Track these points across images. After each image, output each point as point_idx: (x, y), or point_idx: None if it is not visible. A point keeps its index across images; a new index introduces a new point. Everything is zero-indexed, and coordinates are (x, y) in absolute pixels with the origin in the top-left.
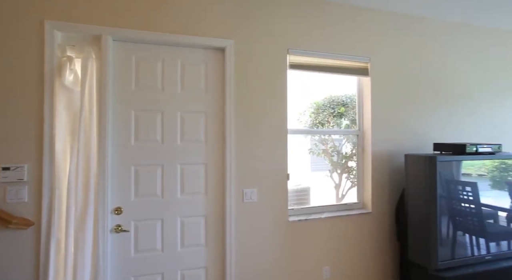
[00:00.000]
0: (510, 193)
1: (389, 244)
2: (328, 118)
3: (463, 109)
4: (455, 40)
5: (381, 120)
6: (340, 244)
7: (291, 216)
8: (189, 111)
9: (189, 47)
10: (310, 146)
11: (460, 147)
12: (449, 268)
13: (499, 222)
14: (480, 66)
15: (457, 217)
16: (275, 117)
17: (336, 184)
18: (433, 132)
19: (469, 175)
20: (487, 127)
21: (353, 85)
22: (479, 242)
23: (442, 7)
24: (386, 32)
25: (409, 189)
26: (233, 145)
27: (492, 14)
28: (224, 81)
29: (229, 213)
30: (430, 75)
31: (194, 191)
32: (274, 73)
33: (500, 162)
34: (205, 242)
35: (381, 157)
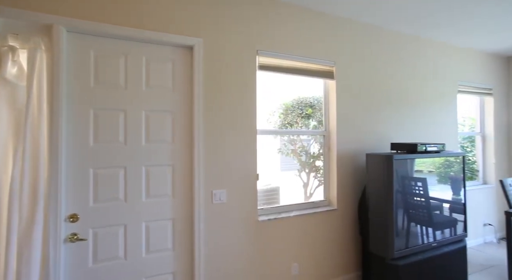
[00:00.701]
0: (452, 187)
1: (353, 238)
2: (296, 119)
3: (413, 112)
4: (407, 50)
5: (345, 121)
6: (308, 241)
7: (260, 215)
8: (155, 110)
9: (155, 43)
10: (280, 146)
11: (412, 146)
12: (403, 256)
13: (443, 213)
14: (425, 73)
15: (410, 210)
16: (244, 117)
17: (305, 183)
18: (390, 132)
19: (420, 172)
20: (433, 128)
21: (319, 87)
22: (428, 231)
23: (396, 20)
24: (350, 39)
25: (370, 186)
26: (202, 145)
27: (439, 28)
28: (192, 80)
29: (198, 215)
30: (387, 80)
31: (160, 194)
32: (243, 74)
33: (444, 160)
34: (173, 246)
35: (345, 156)
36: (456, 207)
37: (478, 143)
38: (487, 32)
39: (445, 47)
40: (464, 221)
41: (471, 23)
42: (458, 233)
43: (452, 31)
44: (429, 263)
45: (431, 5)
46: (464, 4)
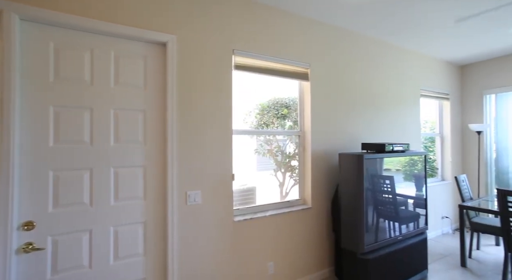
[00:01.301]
0: (415, 184)
1: (327, 235)
2: (272, 119)
3: (382, 113)
4: (377, 55)
5: (320, 122)
6: (284, 239)
7: (236, 216)
8: (125, 109)
9: (125, 38)
10: (256, 147)
11: (381, 146)
12: (373, 250)
13: (408, 208)
14: (393, 78)
15: (379, 206)
16: (220, 117)
17: (280, 182)
18: (361, 133)
19: (388, 170)
20: (399, 129)
21: (295, 88)
22: (394, 225)
23: (367, 26)
24: (325, 42)
25: (342, 184)
26: (176, 145)
27: (405, 37)
28: (165, 78)
29: (171, 217)
30: (358, 83)
31: (130, 196)
32: (219, 73)
33: (409, 159)
34: (144, 251)
35: (319, 156)
36: (418, 202)
37: (437, 143)
38: (445, 44)
39: (411, 54)
40: (425, 215)
41: (431, 34)
42: (420, 226)
43: (417, 40)
44: (395, 255)
45: (398, 15)
46: (425, 17)
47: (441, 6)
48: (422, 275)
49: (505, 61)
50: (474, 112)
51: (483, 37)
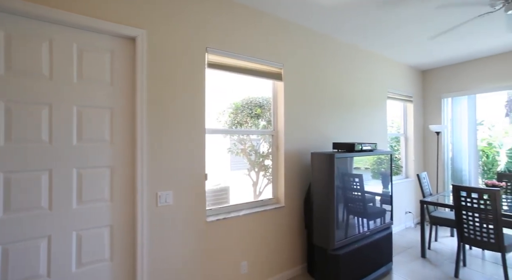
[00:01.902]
0: (382, 181)
1: (299, 233)
2: (246, 119)
3: (352, 114)
4: (347, 58)
5: (293, 121)
6: (257, 238)
7: (209, 216)
8: (90, 106)
9: (89, 30)
10: (229, 146)
11: (350, 145)
12: (343, 246)
13: (375, 204)
14: (362, 80)
15: (349, 204)
16: (192, 116)
17: (254, 182)
18: (333, 132)
19: (358, 169)
20: (367, 129)
21: (268, 88)
22: (363, 221)
23: (339, 30)
24: (298, 43)
25: (314, 183)
26: (146, 145)
27: (373, 41)
28: (135, 74)
29: (141, 219)
30: (330, 84)
31: (96, 199)
32: (191, 71)
33: (377, 157)
34: (111, 256)
35: (292, 155)
36: (385, 199)
37: (402, 143)
38: (409, 51)
39: (379, 58)
40: (391, 211)
41: (397, 39)
42: (386, 222)
43: (384, 46)
44: (363, 249)
45: (369, 23)
46: (390, 23)
47: (409, 21)
48: (387, 267)
49: (460, 68)
50: (434, 114)
51: (442, 47)
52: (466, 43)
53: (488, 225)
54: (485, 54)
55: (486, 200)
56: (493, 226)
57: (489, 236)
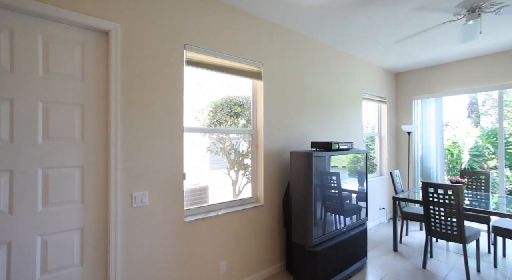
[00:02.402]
0: (358, 179)
1: (278, 231)
2: (225, 118)
3: (329, 114)
4: (325, 59)
5: (272, 120)
6: (237, 237)
7: (187, 216)
8: (58, 102)
9: (57, 21)
10: (209, 145)
11: (328, 144)
12: (321, 243)
13: (352, 201)
14: (339, 81)
15: (327, 201)
16: (170, 114)
17: (233, 181)
18: (311, 131)
19: (335, 167)
20: (344, 128)
21: (248, 87)
22: (340, 218)
23: (317, 31)
24: (278, 43)
25: (293, 181)
26: (120, 143)
27: (350, 44)
28: (108, 70)
29: (114, 221)
30: (308, 84)
31: (64, 201)
32: (169, 68)
33: (353, 156)
34: (81, 261)
35: (272, 154)
36: (360, 196)
37: (376, 142)
38: (383, 54)
39: (355, 60)
40: (366, 208)
41: (371, 42)
42: (361, 218)
43: (358, 47)
44: (340, 245)
45: (342, 22)
46: (363, 26)
47: (382, 25)
48: (362, 262)
49: (429, 72)
50: (405, 114)
51: (413, 51)
52: (433, 49)
53: (452, 218)
54: (450, 59)
55: (450, 196)
56: (456, 219)
57: (453, 228)
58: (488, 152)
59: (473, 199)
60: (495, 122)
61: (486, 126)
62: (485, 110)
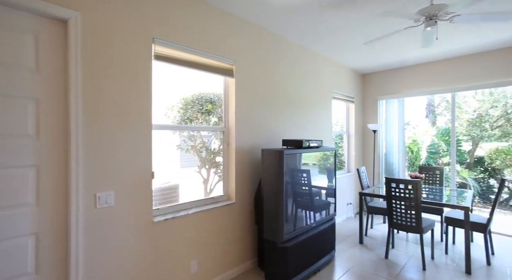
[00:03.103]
0: (327, 176)
1: (250, 228)
2: (197, 115)
3: (300, 112)
4: (297, 58)
5: (244, 118)
6: (208, 236)
7: (156, 216)
8: (5, 95)
9: (3, 5)
10: (179, 143)
11: (299, 142)
12: (291, 238)
13: (321, 198)
14: (310, 80)
15: (298, 198)
16: (138, 111)
17: (205, 179)
18: (282, 129)
19: (306, 164)
20: (314, 127)
21: (220, 84)
22: (310, 214)
23: (290, 30)
24: (250, 40)
25: (264, 179)
26: (82, 140)
27: (321, 44)
28: (68, 61)
29: (75, 224)
30: (280, 83)
31: (15, 204)
32: (136, 62)
33: (323, 154)
34: (36, 269)
35: (243, 151)
36: (329, 192)
37: (345, 140)
38: (351, 55)
39: (325, 60)
40: (334, 203)
41: (340, 42)
42: (330, 213)
43: (328, 47)
44: (310, 240)
45: (312, 22)
46: (332, 26)
47: (351, 27)
48: (331, 255)
49: (392, 74)
50: (371, 114)
51: (378, 54)
52: (397, 52)
53: (411, 211)
54: (412, 63)
55: (410, 190)
56: (415, 212)
57: (412, 220)
58: (442, 150)
59: (429, 192)
60: (448, 122)
61: (441, 126)
62: (440, 111)
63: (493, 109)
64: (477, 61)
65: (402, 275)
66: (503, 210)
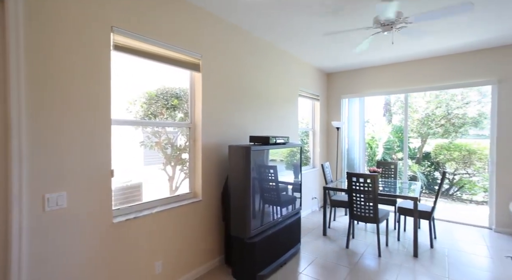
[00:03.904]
0: (294, 171)
1: (217, 225)
2: (161, 110)
3: (267, 109)
4: (265, 56)
5: (211, 114)
6: (173, 235)
7: (117, 217)
8: None
9: None
10: (143, 139)
11: (266, 139)
12: (258, 233)
13: (288, 193)
14: (277, 77)
15: (265, 193)
16: (95, 104)
17: (170, 176)
18: (249, 126)
19: (273, 160)
20: (281, 123)
21: (186, 78)
22: (277, 209)
23: (258, 27)
24: (218, 35)
25: (231, 175)
26: (25, 135)
27: (287, 42)
28: (6, 47)
29: (18, 230)
30: (247, 80)
31: None
32: (93, 51)
33: (289, 150)
34: None
35: (210, 148)
36: (295, 187)
37: (310, 137)
38: (317, 55)
39: (292, 58)
40: (300, 198)
41: (307, 44)
42: (296, 208)
43: (295, 46)
44: (276, 235)
45: (279, 20)
46: (302, 30)
47: (313, 23)
48: (296, 248)
49: (355, 74)
50: (335, 112)
51: (340, 54)
52: (359, 55)
53: (369, 203)
54: (371, 64)
55: (369, 184)
56: (372, 204)
57: (369, 211)
58: (397, 146)
59: (385, 185)
60: (401, 120)
61: (396, 124)
62: (395, 110)
63: (438, 110)
64: (426, 66)
65: (361, 263)
66: (444, 199)
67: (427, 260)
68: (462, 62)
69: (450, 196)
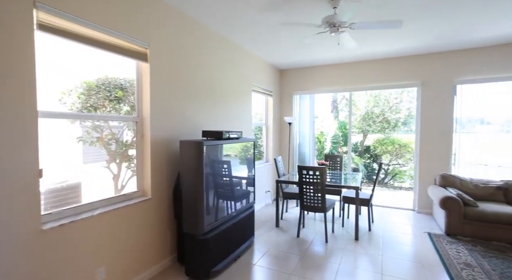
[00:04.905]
0: (247, 166)
1: (168, 223)
2: (103, 102)
3: (220, 104)
4: (219, 49)
5: (160, 108)
6: (119, 237)
7: (48, 223)
8: None
9: None
10: (81, 134)
11: (219, 133)
12: (212, 229)
13: (242, 187)
14: (230, 72)
15: (218, 189)
16: (14, 93)
17: (115, 175)
18: (202, 120)
19: (227, 155)
20: (235, 118)
21: (132, 69)
22: (231, 204)
23: (211, 19)
24: (169, 24)
25: (183, 171)
26: None
27: (241, 37)
28: None
29: None
30: (200, 73)
31: None
32: (9, 30)
33: (243, 145)
34: None
35: (159, 143)
36: (249, 182)
37: (264, 131)
38: (270, 51)
39: (246, 53)
40: (254, 192)
41: (260, 39)
42: (250, 202)
43: (249, 40)
44: (230, 229)
45: (234, 14)
46: (255, 21)
47: (268, 13)
48: (250, 241)
49: (306, 72)
50: (287, 107)
51: (293, 52)
52: (309, 53)
53: (318, 194)
54: (321, 63)
55: (318, 176)
56: (321, 194)
57: (318, 202)
58: (342, 140)
59: (332, 177)
60: (346, 117)
61: (342, 120)
62: (341, 107)
63: (376, 108)
64: (367, 68)
65: (310, 249)
66: (380, 187)
67: (365, 242)
68: (394, 66)
69: (385, 184)
